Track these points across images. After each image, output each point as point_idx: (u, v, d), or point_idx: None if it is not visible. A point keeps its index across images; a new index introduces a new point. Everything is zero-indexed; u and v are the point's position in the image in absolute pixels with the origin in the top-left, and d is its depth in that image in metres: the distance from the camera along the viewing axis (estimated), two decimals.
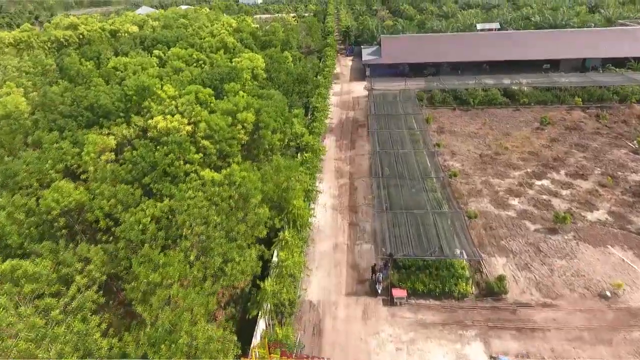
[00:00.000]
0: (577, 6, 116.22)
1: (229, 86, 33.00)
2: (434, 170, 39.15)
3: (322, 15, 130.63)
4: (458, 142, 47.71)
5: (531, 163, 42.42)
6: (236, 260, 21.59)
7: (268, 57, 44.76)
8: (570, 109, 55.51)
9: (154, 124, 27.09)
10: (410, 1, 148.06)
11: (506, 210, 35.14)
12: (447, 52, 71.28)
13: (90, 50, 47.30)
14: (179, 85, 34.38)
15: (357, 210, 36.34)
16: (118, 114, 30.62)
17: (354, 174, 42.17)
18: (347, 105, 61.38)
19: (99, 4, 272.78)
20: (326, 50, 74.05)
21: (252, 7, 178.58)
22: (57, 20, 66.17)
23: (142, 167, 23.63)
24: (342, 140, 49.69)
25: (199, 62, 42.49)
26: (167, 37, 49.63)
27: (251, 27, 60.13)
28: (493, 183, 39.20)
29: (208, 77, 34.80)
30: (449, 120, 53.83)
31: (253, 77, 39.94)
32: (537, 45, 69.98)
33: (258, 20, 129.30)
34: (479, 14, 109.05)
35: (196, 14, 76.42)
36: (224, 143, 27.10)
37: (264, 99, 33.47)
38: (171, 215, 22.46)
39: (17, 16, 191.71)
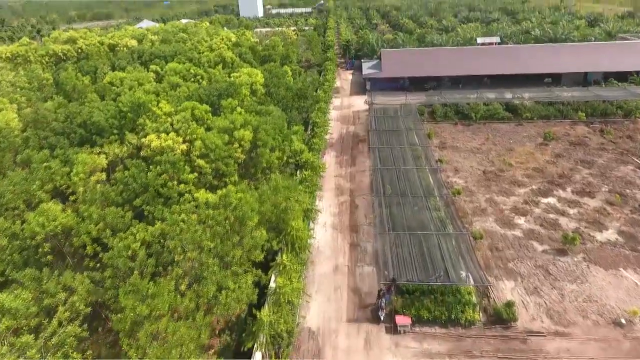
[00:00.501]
0: (576, 20, 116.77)
1: (226, 102, 32.17)
2: (437, 188, 38.03)
3: (323, 29, 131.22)
4: (461, 158, 46.75)
5: (536, 180, 41.37)
6: (231, 288, 20.36)
7: (267, 71, 44.08)
8: (573, 124, 54.71)
9: (148, 143, 26.14)
10: (410, 15, 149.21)
11: (512, 230, 33.96)
12: (448, 65, 70.93)
13: (87, 64, 46.68)
14: (175, 101, 33.55)
15: (358, 230, 35.16)
16: (112, 131, 29.70)
17: (354, 191, 41.09)
18: (348, 120, 60.66)
19: (101, 17, 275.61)
20: (326, 64, 73.70)
21: (252, 20, 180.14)
22: (55, 34, 65.91)
23: (133, 188, 22.59)
24: (342, 156, 48.74)
25: (197, 77, 41.80)
26: (165, 51, 49.05)
27: (250, 41, 59.76)
28: (498, 201, 38.10)
29: (205, 93, 34.01)
30: (450, 135, 52.98)
31: (252, 92, 39.17)
32: (539, 59, 69.62)
33: (258, 34, 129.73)
34: (479, 28, 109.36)
35: (196, 28, 76.43)
36: (220, 162, 26.11)
37: (263, 115, 32.61)
38: (163, 239, 21.31)
39: (19, 30, 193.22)
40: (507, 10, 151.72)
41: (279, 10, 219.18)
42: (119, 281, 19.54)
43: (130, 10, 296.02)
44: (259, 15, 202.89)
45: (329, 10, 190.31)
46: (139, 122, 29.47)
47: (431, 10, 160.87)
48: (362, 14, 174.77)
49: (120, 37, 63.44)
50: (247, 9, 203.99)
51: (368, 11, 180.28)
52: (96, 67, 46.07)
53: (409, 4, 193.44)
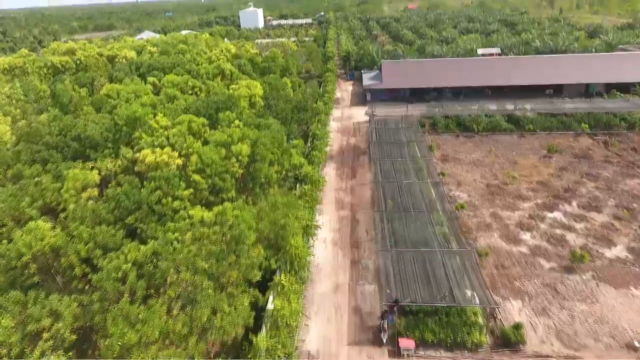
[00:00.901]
0: (575, 31, 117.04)
1: (223, 115, 31.47)
2: (440, 202, 37.16)
3: (323, 40, 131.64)
4: (463, 171, 45.92)
5: (541, 194, 40.48)
6: (226, 312, 19.34)
7: (267, 84, 43.51)
8: (577, 136, 54.01)
9: (142, 158, 25.35)
10: (409, 26, 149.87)
11: (518, 246, 32.97)
12: (449, 77, 70.58)
13: (84, 76, 46.16)
14: (172, 114, 32.86)
15: (359, 246, 34.16)
16: (106, 145, 28.94)
17: (355, 206, 40.18)
18: (348, 131, 60.01)
19: (103, 28, 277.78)
20: (327, 76, 73.37)
21: (253, 32, 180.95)
22: (54, 46, 65.70)
23: (126, 205, 21.73)
24: (342, 168, 47.93)
25: (195, 90, 41.18)
26: (163, 63, 48.52)
27: (250, 53, 59.38)
28: (502, 216, 37.16)
29: (203, 106, 33.34)
30: (452, 148, 52.24)
31: (250, 104, 38.51)
32: (540, 70, 69.26)
33: (259, 45, 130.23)
34: (479, 39, 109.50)
35: (196, 39, 76.36)
36: (216, 177, 25.29)
37: (262, 128, 31.88)
38: (155, 259, 20.36)
39: (20, 41, 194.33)
40: (506, 22, 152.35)
41: (279, 22, 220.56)
42: (108, 304, 18.56)
43: (131, 21, 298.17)
44: (260, 26, 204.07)
45: (329, 21, 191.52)
46: (134, 135, 28.73)
47: (431, 21, 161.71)
48: (362, 25, 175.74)
49: (119, 48, 63.17)
50: (247, 21, 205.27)
51: (368, 22, 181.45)
52: (93, 79, 45.54)
53: (409, 16, 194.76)
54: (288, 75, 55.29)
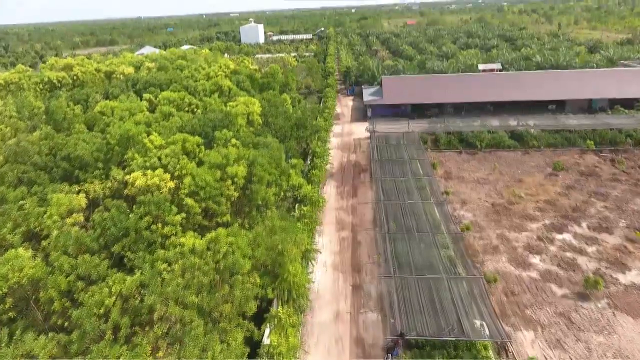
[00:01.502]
0: (575, 47, 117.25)
1: (220, 134, 30.32)
2: (445, 223, 35.72)
3: (323, 55, 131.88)
4: (467, 189, 44.61)
5: (548, 214, 39.09)
6: (217, 351, 17.78)
7: (265, 100, 42.53)
8: (582, 153, 52.88)
9: (132, 181, 24.08)
10: (409, 42, 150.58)
11: (527, 271, 31.42)
12: (450, 92, 69.89)
13: (79, 92, 45.21)
14: (167, 132, 31.72)
15: (361, 270, 32.62)
16: (97, 166, 27.72)
17: (356, 226, 38.75)
18: (349, 148, 58.94)
19: (105, 43, 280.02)
20: (327, 91, 72.71)
21: (253, 47, 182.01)
22: (52, 62, 65.13)
23: (112, 232, 20.37)
24: (343, 186, 46.64)
25: (191, 107, 40.12)
26: (160, 79, 47.56)
27: (249, 69, 58.72)
28: (510, 237, 35.70)
29: (199, 124, 32.24)
30: (456, 165, 51.03)
31: (248, 122, 37.46)
32: (542, 86, 68.60)
33: (259, 60, 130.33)
34: (479, 54, 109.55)
35: (195, 54, 76.00)
36: (210, 201, 24.00)
37: (260, 147, 30.70)
38: (142, 291, 18.87)
39: (22, 55, 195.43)
40: (505, 37, 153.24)
41: (279, 37, 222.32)
42: (89, 343, 17.02)
43: (133, 36, 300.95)
44: (260, 41, 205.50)
45: (329, 37, 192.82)
46: (127, 155, 27.53)
47: (430, 37, 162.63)
48: (362, 40, 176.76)
49: (117, 64, 62.59)
50: (248, 36, 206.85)
51: (368, 38, 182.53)
52: (88, 95, 44.61)
53: (408, 31, 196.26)
54: (288, 91, 54.48)
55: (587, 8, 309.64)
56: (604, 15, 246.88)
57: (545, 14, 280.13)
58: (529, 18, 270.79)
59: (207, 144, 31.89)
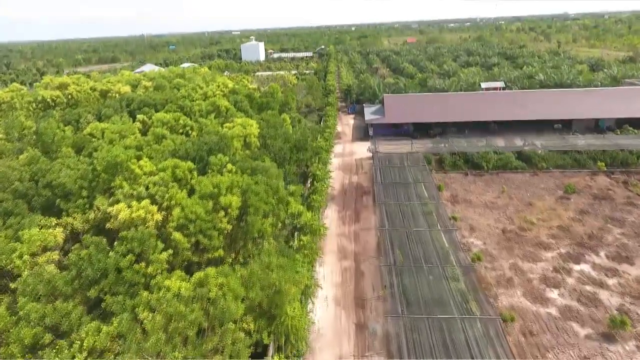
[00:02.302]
0: (577, 65, 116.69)
1: (215, 159, 28.42)
2: (454, 252, 33.48)
3: (323, 73, 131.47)
4: (476, 214, 42.46)
5: (563, 241, 36.86)
6: None
7: (264, 121, 40.80)
8: (593, 175, 50.91)
9: (115, 213, 22.05)
10: (410, 60, 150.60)
11: (545, 307, 29.03)
12: (453, 111, 68.45)
13: (70, 113, 43.58)
14: (159, 156, 29.84)
15: (365, 305, 30.22)
16: (80, 195, 25.73)
17: (359, 255, 36.48)
18: (350, 169, 57.03)
19: (107, 60, 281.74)
20: (327, 110, 71.27)
21: (254, 64, 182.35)
22: (47, 80, 63.80)
23: (88, 274, 18.24)
24: (345, 210, 44.49)
25: (186, 128, 38.36)
26: (155, 99, 45.86)
27: (248, 88, 57.24)
28: (524, 268, 33.39)
29: (193, 148, 30.38)
30: (462, 187, 49.00)
31: (245, 144, 35.64)
32: (547, 105, 67.17)
33: (259, 77, 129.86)
34: (480, 72, 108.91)
35: (194, 73, 74.91)
36: (201, 235, 21.93)
37: (256, 172, 28.73)
38: (120, 342, 16.58)
39: (23, 73, 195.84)
40: (505, 55, 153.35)
41: (280, 55, 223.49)
42: None
43: (135, 53, 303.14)
44: (261, 59, 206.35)
45: (329, 54, 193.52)
46: (114, 183, 25.57)
47: (431, 55, 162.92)
48: (363, 58, 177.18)
49: (114, 82, 61.27)
50: (249, 54, 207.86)
51: (368, 55, 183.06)
52: (80, 116, 42.96)
53: (408, 49, 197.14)
54: (287, 110, 52.94)
55: (584, 26, 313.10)
56: (602, 34, 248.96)
57: (544, 32, 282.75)
58: (527, 36, 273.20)
59: (202, 169, 29.93)
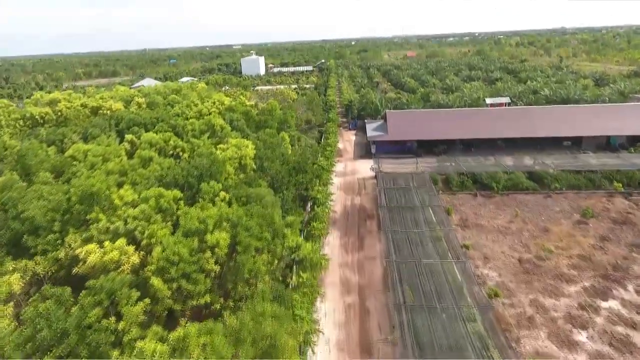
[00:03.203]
0: (581, 79, 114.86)
1: (206, 186, 25.66)
2: (468, 287, 30.48)
3: (324, 87, 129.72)
4: (488, 240, 39.48)
5: (586, 273, 33.80)
6: None
7: (261, 141, 38.13)
8: (610, 196, 48.03)
9: (84, 256, 19.16)
10: (411, 74, 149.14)
11: (574, 353, 25.87)
12: (458, 128, 65.96)
13: (55, 132, 41.02)
14: (144, 182, 27.08)
15: (372, 350, 27.04)
16: (51, 229, 22.92)
17: (364, 288, 33.37)
18: (352, 189, 54.19)
19: (107, 74, 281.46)
20: (328, 126, 68.81)
21: (254, 78, 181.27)
22: (37, 96, 61.57)
23: (45, 336, 15.31)
24: (347, 237, 41.50)
25: (176, 150, 35.65)
26: (146, 118, 43.18)
27: (245, 105, 54.81)
28: (546, 305, 30.27)
29: (182, 174, 27.62)
30: (472, 210, 46.07)
31: (240, 167, 32.91)
32: (556, 122, 64.70)
33: (259, 92, 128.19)
34: (483, 87, 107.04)
35: (190, 89, 72.71)
36: (184, 280, 19.04)
37: (251, 200, 25.91)
38: None
39: (21, 87, 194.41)
40: (507, 69, 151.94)
41: (280, 69, 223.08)
42: None
43: (135, 67, 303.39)
44: (261, 73, 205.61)
45: (329, 69, 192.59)
46: (90, 215, 22.76)
47: (432, 69, 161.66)
48: (363, 72, 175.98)
49: (107, 98, 58.91)
50: (249, 68, 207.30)
51: (369, 70, 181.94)
52: (65, 135, 40.37)
53: (409, 63, 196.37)
54: (286, 128, 50.43)
55: (583, 41, 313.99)
56: (602, 48, 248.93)
57: (544, 47, 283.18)
58: (527, 50, 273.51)
59: (191, 197, 27.09)
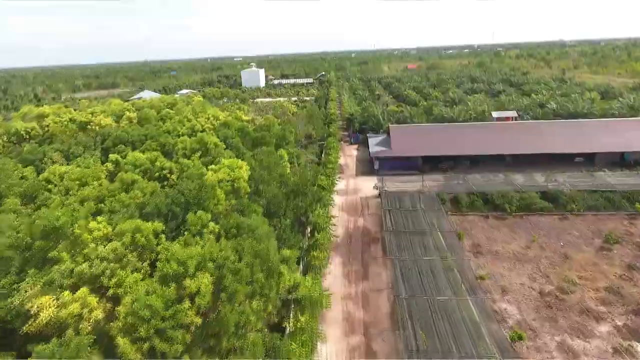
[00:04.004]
0: (587, 92, 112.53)
1: (193, 218, 22.46)
2: (486, 327, 27.16)
3: (324, 100, 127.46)
4: (505, 269, 36.14)
5: (616, 308, 30.42)
6: None
7: (257, 161, 34.94)
8: (632, 218, 44.80)
9: (35, 311, 15.92)
10: (412, 86, 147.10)
11: None
12: (465, 143, 63.17)
13: (35, 151, 38.02)
14: (123, 212, 23.92)
15: None
16: (8, 270, 19.73)
17: (370, 326, 29.93)
18: (355, 209, 50.95)
19: (107, 86, 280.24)
20: (329, 141, 65.87)
21: (254, 91, 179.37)
22: (24, 110, 58.83)
23: None
24: (350, 264, 38.12)
25: (163, 172, 32.45)
26: (133, 135, 40.20)
27: (241, 121, 51.76)
28: (575, 348, 26.84)
29: (164, 203, 24.39)
30: (484, 234, 42.80)
31: (233, 191, 29.79)
32: (568, 137, 61.94)
33: (258, 105, 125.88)
34: (487, 100, 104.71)
35: (187, 102, 69.97)
36: (158, 338, 15.78)
37: (241, 233, 22.73)
38: None
39: (19, 99, 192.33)
40: (510, 82, 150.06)
41: (280, 81, 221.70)
42: None
43: (136, 79, 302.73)
44: (261, 85, 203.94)
45: (330, 81, 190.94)
46: (52, 254, 19.56)
47: (433, 81, 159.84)
48: (364, 84, 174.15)
49: (96, 113, 56.01)
50: (249, 80, 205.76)
51: (370, 82, 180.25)
52: (45, 154, 37.38)
53: (410, 75, 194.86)
54: (285, 145, 47.47)
55: (583, 53, 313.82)
56: (602, 60, 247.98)
57: (544, 59, 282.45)
58: (527, 63, 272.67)
59: (175, 229, 23.89)
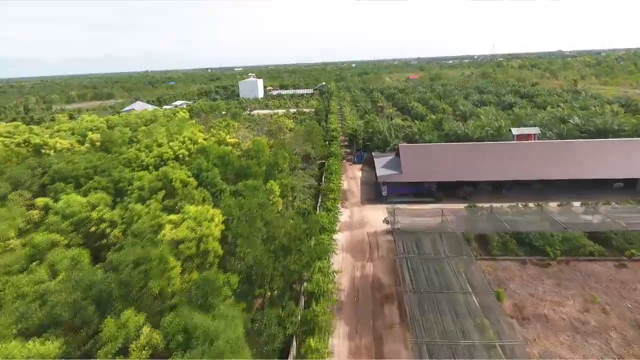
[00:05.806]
0: (605, 104, 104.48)
1: (112, 328, 13.59)
2: None
3: (324, 113, 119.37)
4: (563, 347, 27.32)
5: None
6: None
7: (236, 207, 26.11)
8: None
9: None
10: (417, 98, 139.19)
11: None
12: (486, 166, 54.72)
13: None
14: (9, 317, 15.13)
15: None
16: None
17: None
18: (362, 250, 42.24)
19: (102, 97, 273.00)
20: (330, 163, 57.38)
21: (252, 101, 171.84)
22: None
23: None
24: (358, 336, 29.24)
25: (98, 229, 23.60)
26: (79, 168, 31.47)
27: (225, 144, 42.99)
28: None
29: (70, 299, 15.27)
30: (525, 289, 34.01)
31: (200, 254, 21.27)
32: (606, 159, 53.55)
33: (255, 116, 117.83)
34: (500, 113, 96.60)
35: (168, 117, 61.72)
36: None
37: (192, 345, 14.17)
38: None
39: (10, 109, 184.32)
40: (520, 93, 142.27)
41: (279, 92, 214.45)
42: None
43: (132, 90, 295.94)
44: (260, 96, 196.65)
45: (330, 92, 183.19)
46: None
47: (439, 92, 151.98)
48: (366, 95, 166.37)
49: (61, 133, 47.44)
50: (247, 91, 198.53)
51: (372, 93, 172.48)
52: None
53: (414, 86, 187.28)
54: (277, 173, 38.95)
55: (586, 63, 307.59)
56: (609, 71, 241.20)
57: (548, 69, 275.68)
58: (531, 73, 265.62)
59: (81, 345, 15.08)
